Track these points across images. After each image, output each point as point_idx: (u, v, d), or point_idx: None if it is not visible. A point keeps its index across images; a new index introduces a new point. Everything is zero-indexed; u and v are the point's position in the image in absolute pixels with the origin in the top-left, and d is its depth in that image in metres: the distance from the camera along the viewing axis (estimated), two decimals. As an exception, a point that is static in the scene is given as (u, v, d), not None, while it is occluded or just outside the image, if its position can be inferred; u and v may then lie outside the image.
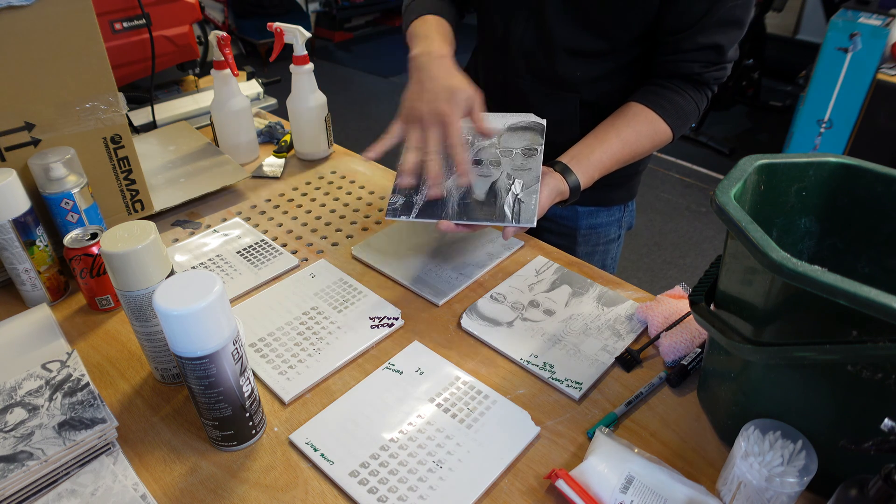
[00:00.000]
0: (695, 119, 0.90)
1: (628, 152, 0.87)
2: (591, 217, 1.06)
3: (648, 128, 0.87)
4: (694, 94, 0.88)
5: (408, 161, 0.76)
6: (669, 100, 0.87)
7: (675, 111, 0.87)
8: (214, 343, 0.55)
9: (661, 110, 0.87)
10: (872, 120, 2.57)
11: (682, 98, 0.88)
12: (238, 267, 0.88)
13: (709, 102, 0.91)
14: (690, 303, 0.61)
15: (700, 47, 0.84)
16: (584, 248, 1.09)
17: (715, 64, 0.86)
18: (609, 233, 1.09)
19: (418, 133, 0.76)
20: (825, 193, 0.65)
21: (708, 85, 0.89)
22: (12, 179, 0.74)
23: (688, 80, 0.88)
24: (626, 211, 1.09)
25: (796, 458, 0.53)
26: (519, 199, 0.79)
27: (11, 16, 0.73)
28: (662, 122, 0.87)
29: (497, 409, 0.66)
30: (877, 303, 0.44)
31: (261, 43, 4.49)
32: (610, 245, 1.11)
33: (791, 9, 4.17)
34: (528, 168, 0.82)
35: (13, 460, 0.55)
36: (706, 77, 0.87)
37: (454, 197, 0.80)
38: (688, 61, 0.86)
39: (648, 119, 0.87)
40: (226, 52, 1.08)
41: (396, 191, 0.81)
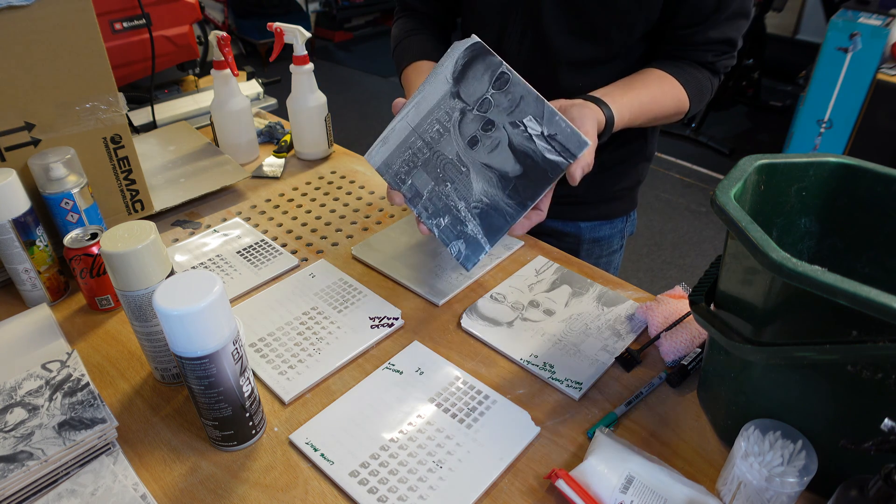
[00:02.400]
0: (708, 98, 0.90)
1: (654, 108, 0.84)
2: (595, 231, 1.05)
3: (672, 90, 0.85)
4: (710, 77, 0.89)
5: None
6: (689, 73, 0.87)
7: (695, 84, 0.87)
8: (214, 343, 0.55)
9: (682, 80, 0.86)
10: (872, 120, 2.57)
11: (700, 73, 0.88)
12: (238, 267, 0.88)
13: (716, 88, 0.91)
14: (690, 303, 0.61)
15: (712, 41, 0.84)
16: (588, 260, 1.07)
17: (725, 53, 0.87)
18: (612, 244, 1.08)
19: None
20: (825, 193, 0.65)
21: (719, 72, 0.90)
22: (12, 179, 0.74)
23: (701, 65, 0.88)
24: (628, 221, 1.09)
25: (796, 458, 0.53)
26: (549, 136, 0.67)
27: (11, 16, 0.73)
28: (683, 91, 0.86)
29: (497, 409, 0.66)
30: (877, 303, 0.44)
31: (261, 43, 4.49)
32: (613, 256, 1.10)
33: (791, 9, 4.17)
34: (519, 95, 0.69)
35: (13, 460, 0.55)
36: (718, 66, 0.88)
37: (498, 194, 0.71)
38: (701, 52, 0.86)
39: (672, 83, 0.85)
40: (226, 52, 1.08)
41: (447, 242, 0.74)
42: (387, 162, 0.77)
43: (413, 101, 0.75)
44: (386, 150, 0.77)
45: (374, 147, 0.78)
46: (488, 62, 0.71)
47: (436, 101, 0.74)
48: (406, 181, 0.76)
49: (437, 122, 0.74)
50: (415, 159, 0.75)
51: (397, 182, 0.76)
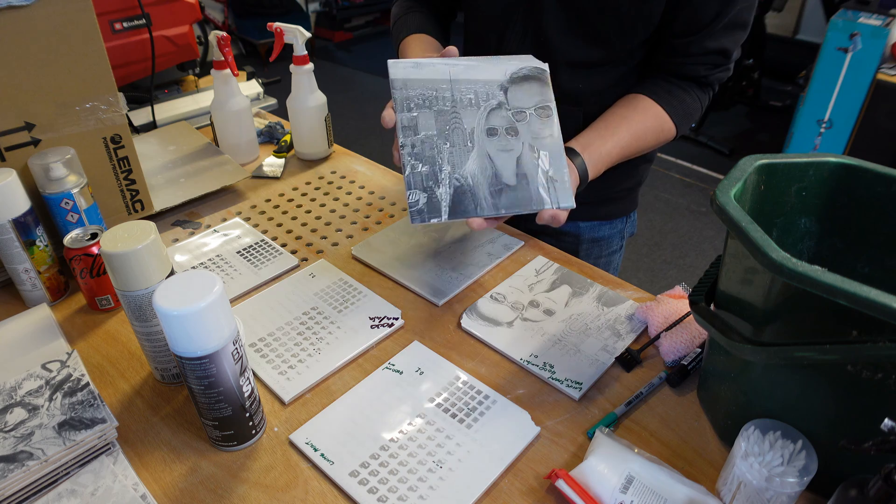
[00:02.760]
0: (696, 117, 0.90)
1: (635, 147, 0.87)
2: (594, 231, 1.05)
3: (655, 123, 0.86)
4: (699, 94, 0.88)
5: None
6: (677, 97, 0.87)
7: (682, 109, 0.87)
8: (214, 343, 0.55)
9: (668, 107, 0.86)
10: (872, 120, 2.57)
11: (689, 97, 0.88)
12: (238, 267, 0.88)
13: (710, 101, 0.91)
14: (690, 303, 0.61)
15: (708, 51, 0.83)
16: (587, 260, 1.06)
17: (720, 66, 0.86)
18: (611, 244, 1.08)
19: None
20: (825, 193, 0.65)
21: (711, 86, 0.89)
22: (12, 179, 0.74)
23: (693, 81, 0.88)
24: (628, 222, 1.09)
25: (796, 458, 0.53)
26: (552, 178, 0.73)
27: (11, 16, 0.73)
28: (669, 119, 0.87)
29: (497, 409, 0.66)
30: (877, 303, 0.44)
31: (261, 43, 4.49)
32: (612, 256, 1.10)
33: (791, 9, 4.17)
34: (548, 134, 0.74)
35: (13, 460, 0.55)
36: (711, 79, 0.87)
37: (483, 186, 0.72)
38: (694, 64, 0.86)
39: (656, 115, 0.86)
40: (226, 52, 1.08)
41: (411, 186, 0.71)
42: (406, 81, 0.75)
43: (467, 61, 0.77)
44: (413, 73, 0.75)
45: (402, 62, 0.76)
46: (544, 90, 0.77)
47: (485, 78, 0.76)
48: (412, 111, 0.74)
49: (473, 93, 0.75)
50: (433, 102, 0.75)
51: (403, 105, 0.75)
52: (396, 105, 0.75)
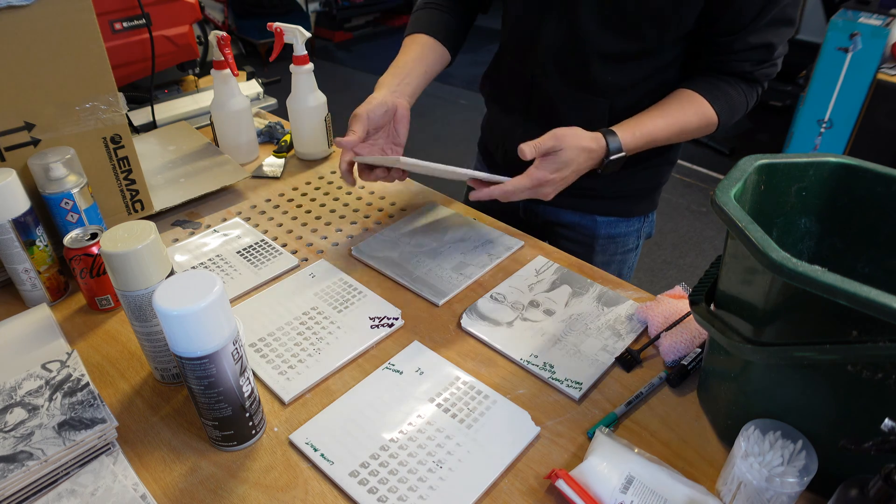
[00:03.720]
0: (743, 112, 0.90)
1: (677, 127, 0.87)
2: (611, 227, 1.05)
3: (697, 110, 0.87)
4: (745, 89, 0.88)
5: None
6: (721, 90, 0.87)
7: (725, 99, 0.87)
8: (214, 343, 0.55)
9: (709, 96, 0.87)
10: (872, 120, 2.57)
11: (733, 89, 0.88)
12: (238, 267, 0.88)
13: (759, 98, 0.91)
14: (690, 303, 0.61)
15: (752, 47, 0.83)
16: (602, 257, 1.08)
17: (765, 62, 0.86)
18: (627, 243, 1.08)
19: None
20: (825, 193, 0.65)
21: (759, 82, 0.89)
22: (12, 179, 0.74)
23: (739, 77, 0.88)
24: (647, 221, 1.08)
25: (796, 458, 0.53)
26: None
27: (11, 16, 0.73)
28: (711, 108, 0.87)
29: (497, 409, 0.66)
30: (877, 303, 0.44)
31: (261, 43, 4.49)
32: (628, 255, 1.09)
33: (791, 9, 4.16)
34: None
35: (13, 460, 0.55)
36: (757, 75, 0.87)
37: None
38: (739, 61, 0.86)
39: (699, 104, 0.87)
40: (226, 52, 1.08)
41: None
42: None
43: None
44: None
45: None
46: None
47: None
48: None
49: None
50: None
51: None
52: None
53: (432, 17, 1.00)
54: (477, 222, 0.98)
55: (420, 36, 0.98)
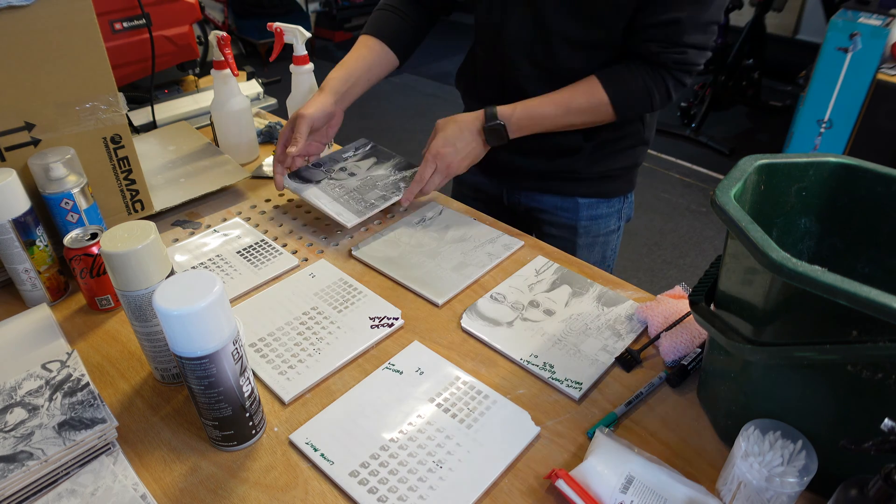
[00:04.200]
0: (646, 99, 0.91)
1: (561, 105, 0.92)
2: (592, 209, 1.08)
3: (585, 89, 0.91)
4: (646, 74, 0.89)
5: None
6: (618, 72, 0.91)
7: (620, 83, 0.90)
8: (214, 343, 0.55)
9: (603, 79, 0.90)
10: (872, 120, 2.57)
11: (630, 73, 0.90)
12: (238, 267, 0.88)
13: (668, 90, 0.91)
14: (690, 303, 0.61)
15: (658, 24, 0.85)
16: (585, 239, 1.11)
17: (674, 44, 0.86)
18: (609, 224, 1.11)
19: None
20: (825, 193, 0.65)
21: (666, 67, 0.89)
22: (12, 179, 0.74)
23: (646, 61, 0.90)
24: (626, 203, 1.11)
25: (796, 458, 0.53)
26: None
27: (11, 16, 0.73)
28: (601, 88, 0.90)
29: (497, 409, 0.66)
30: (877, 303, 0.44)
31: (261, 43, 4.49)
32: (610, 236, 1.13)
33: (791, 9, 4.17)
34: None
35: (13, 460, 0.55)
36: (663, 58, 0.88)
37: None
38: (646, 40, 0.87)
39: (588, 84, 0.91)
40: (226, 52, 1.08)
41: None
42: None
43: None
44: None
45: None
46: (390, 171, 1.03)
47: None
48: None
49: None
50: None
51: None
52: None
53: (389, 21, 1.06)
54: (477, 222, 0.98)
55: (373, 40, 1.04)
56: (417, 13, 1.07)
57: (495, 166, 1.07)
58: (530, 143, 0.97)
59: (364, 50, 1.03)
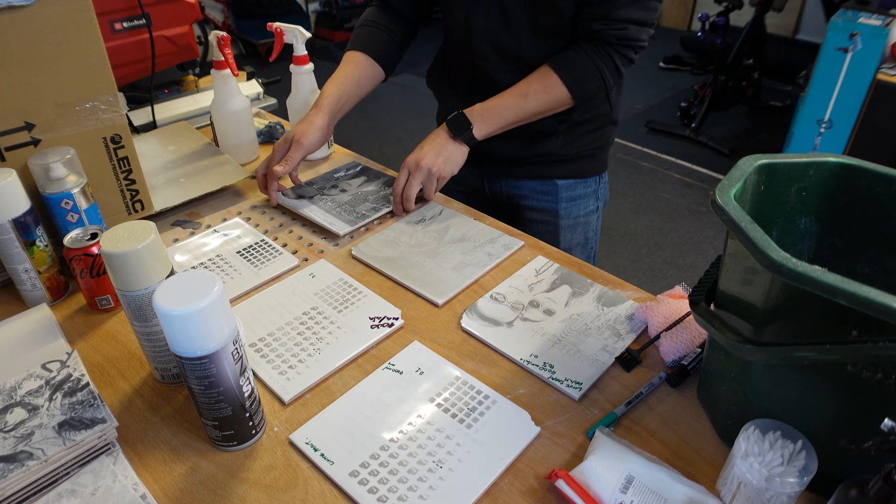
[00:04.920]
0: (597, 78, 0.97)
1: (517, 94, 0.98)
2: (570, 189, 1.14)
3: (538, 76, 0.98)
4: (592, 53, 0.95)
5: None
6: (567, 57, 0.97)
7: (569, 66, 0.96)
8: (214, 343, 0.55)
9: (557, 67, 0.96)
10: (872, 120, 2.57)
11: (577, 55, 0.96)
12: (238, 267, 0.88)
13: (616, 65, 0.96)
14: (690, 303, 0.61)
15: (594, 3, 0.91)
16: (567, 220, 1.16)
17: (613, 20, 0.92)
18: (588, 204, 1.17)
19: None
20: (825, 193, 0.65)
21: (610, 44, 0.94)
22: (12, 179, 0.74)
23: (590, 41, 0.95)
24: (601, 183, 1.18)
25: (796, 458, 0.53)
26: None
27: (11, 16, 0.73)
28: (553, 73, 0.96)
29: (497, 409, 0.66)
30: (877, 303, 0.44)
31: (261, 43, 4.49)
32: (589, 217, 1.19)
33: (791, 9, 4.17)
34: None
35: (13, 460, 0.55)
36: (605, 35, 0.93)
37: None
38: (588, 19, 0.93)
39: (541, 71, 0.98)
40: (226, 52, 1.08)
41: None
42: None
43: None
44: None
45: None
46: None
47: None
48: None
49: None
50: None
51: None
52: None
53: (373, 36, 1.09)
54: (477, 222, 0.98)
55: (360, 55, 1.08)
56: (399, 26, 1.11)
57: (475, 156, 1.10)
58: (509, 131, 1.01)
59: (352, 66, 1.07)
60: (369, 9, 1.14)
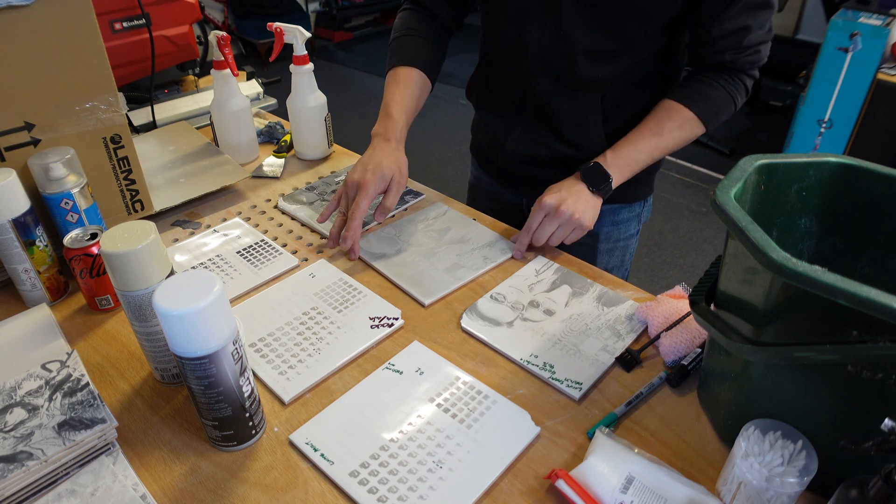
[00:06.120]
0: (731, 106, 0.92)
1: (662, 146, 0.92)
2: (613, 214, 1.08)
3: (677, 117, 0.91)
4: (726, 83, 0.90)
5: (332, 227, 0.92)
6: (698, 91, 0.91)
7: (705, 102, 0.90)
8: (214, 343, 0.55)
9: (688, 101, 0.90)
10: (872, 120, 2.57)
11: (712, 89, 0.90)
12: (238, 267, 0.88)
13: (747, 88, 0.92)
14: (690, 303, 0.61)
15: (727, 33, 0.85)
16: (606, 245, 1.10)
17: (745, 48, 0.87)
18: (629, 228, 1.11)
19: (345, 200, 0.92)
20: (825, 193, 0.65)
21: (743, 71, 0.90)
22: (12, 179, 0.74)
23: (721, 70, 0.90)
24: (645, 206, 1.11)
25: (796, 458, 0.53)
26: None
27: (11, 16, 0.73)
28: (689, 112, 0.90)
29: (497, 409, 0.66)
30: (877, 303, 0.44)
31: (261, 43, 4.49)
32: (629, 241, 1.13)
33: (791, 9, 4.17)
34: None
35: (13, 460, 0.55)
36: (739, 63, 0.89)
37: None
38: (719, 52, 0.88)
39: (676, 111, 0.91)
40: (226, 52, 1.08)
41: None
42: None
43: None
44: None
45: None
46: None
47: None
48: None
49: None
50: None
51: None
52: None
53: (419, 47, 1.02)
54: (478, 224, 0.98)
55: (415, 72, 1.00)
56: (439, 33, 1.05)
57: (515, 178, 1.06)
58: (552, 153, 0.96)
59: (409, 85, 1.00)
60: (407, 14, 1.06)
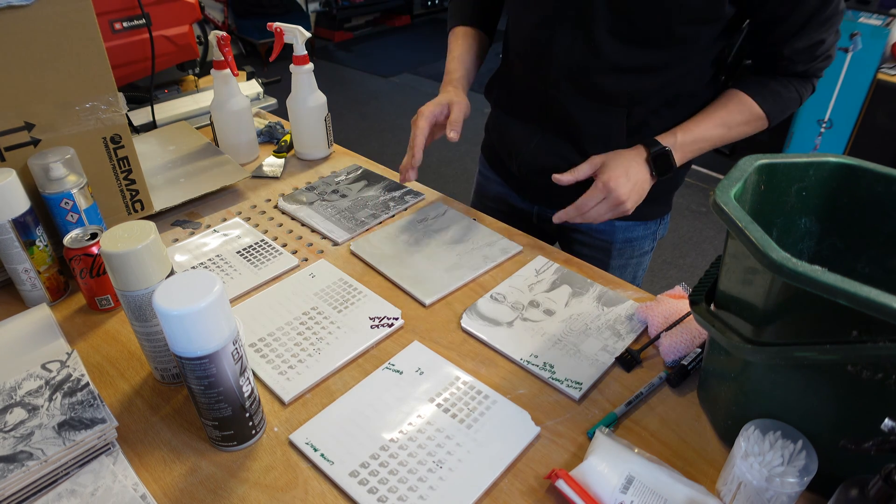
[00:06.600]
0: (795, 107, 0.92)
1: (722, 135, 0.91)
2: (628, 231, 1.05)
3: (748, 112, 0.90)
4: (798, 85, 0.90)
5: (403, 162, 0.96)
6: (769, 87, 0.90)
7: (774, 98, 0.89)
8: (214, 343, 0.55)
9: (761, 99, 0.89)
10: (872, 120, 2.57)
11: (783, 87, 0.90)
12: (238, 267, 0.88)
13: (815, 87, 0.92)
14: (690, 303, 0.61)
15: (806, 48, 0.85)
16: (618, 261, 1.07)
17: (819, 57, 0.87)
18: (643, 245, 1.08)
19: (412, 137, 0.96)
20: (825, 193, 0.65)
21: (815, 76, 0.90)
22: (12, 179, 0.74)
23: (792, 76, 0.90)
24: (661, 224, 1.08)
25: (796, 458, 0.53)
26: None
27: (11, 16, 0.73)
28: (760, 109, 0.89)
29: (497, 409, 0.66)
30: (877, 303, 0.44)
31: (261, 43, 4.49)
32: (643, 258, 1.10)
33: (791, 9, 4.16)
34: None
35: (13, 460, 0.55)
36: (812, 69, 0.89)
37: None
38: (791, 65, 0.87)
39: (748, 106, 0.89)
40: (226, 52, 1.08)
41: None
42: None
43: None
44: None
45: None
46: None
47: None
48: None
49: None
50: None
51: None
52: None
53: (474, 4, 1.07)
54: (478, 224, 0.98)
55: (467, 29, 1.05)
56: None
57: (529, 186, 1.04)
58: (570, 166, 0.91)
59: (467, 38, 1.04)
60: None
